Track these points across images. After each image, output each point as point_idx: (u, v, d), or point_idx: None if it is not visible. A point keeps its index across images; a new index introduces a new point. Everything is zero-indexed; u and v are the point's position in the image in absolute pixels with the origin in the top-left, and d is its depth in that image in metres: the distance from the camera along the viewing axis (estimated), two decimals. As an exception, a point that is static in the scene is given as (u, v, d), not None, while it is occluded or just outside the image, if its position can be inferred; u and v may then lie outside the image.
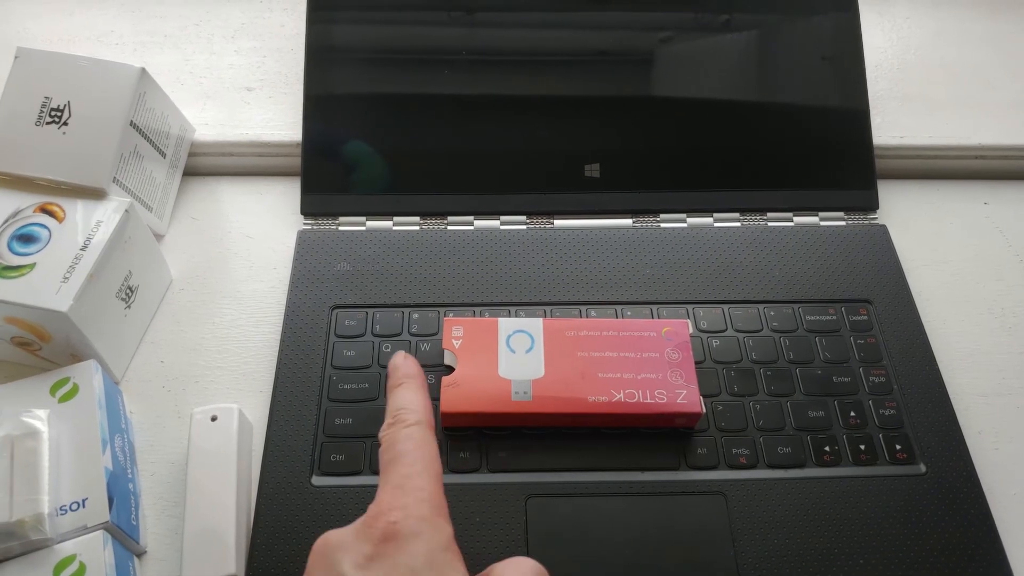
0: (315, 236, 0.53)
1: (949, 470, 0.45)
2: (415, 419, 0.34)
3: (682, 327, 0.46)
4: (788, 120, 0.57)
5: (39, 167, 0.47)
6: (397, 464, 0.32)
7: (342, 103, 0.56)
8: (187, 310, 0.52)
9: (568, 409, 0.44)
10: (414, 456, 0.33)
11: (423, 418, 0.34)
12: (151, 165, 0.52)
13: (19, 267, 0.44)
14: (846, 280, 0.52)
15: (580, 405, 0.44)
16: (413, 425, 0.34)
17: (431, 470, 0.32)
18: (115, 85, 0.49)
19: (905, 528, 0.43)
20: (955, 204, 0.59)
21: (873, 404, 0.47)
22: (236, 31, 0.66)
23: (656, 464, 0.45)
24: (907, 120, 0.61)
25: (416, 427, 0.34)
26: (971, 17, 0.68)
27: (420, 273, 0.52)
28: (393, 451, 0.33)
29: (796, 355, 0.49)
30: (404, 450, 0.33)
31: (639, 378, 0.44)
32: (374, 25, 0.57)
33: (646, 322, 0.47)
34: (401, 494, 0.31)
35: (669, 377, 0.44)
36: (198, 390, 0.49)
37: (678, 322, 0.47)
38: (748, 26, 0.58)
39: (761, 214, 0.55)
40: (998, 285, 0.54)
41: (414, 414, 0.34)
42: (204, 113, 0.60)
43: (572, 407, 0.44)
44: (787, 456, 0.45)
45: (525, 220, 0.55)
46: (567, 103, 0.56)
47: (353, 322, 0.50)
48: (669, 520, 0.43)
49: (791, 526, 0.43)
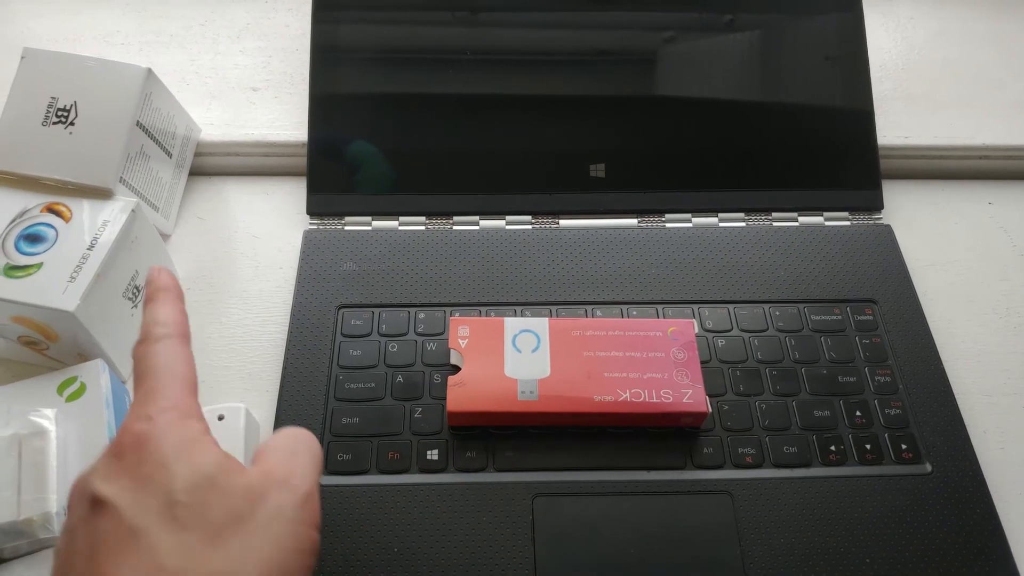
0: (321, 236, 0.53)
1: (955, 470, 0.45)
2: (164, 332, 0.34)
3: (688, 327, 0.47)
4: (793, 120, 0.57)
5: (46, 167, 0.47)
6: (145, 379, 0.32)
7: (347, 103, 0.56)
8: (193, 310, 0.52)
9: (574, 408, 0.44)
10: (161, 369, 0.32)
11: (172, 331, 0.34)
12: (157, 165, 0.52)
13: (26, 267, 0.44)
14: (851, 280, 0.52)
15: (586, 404, 0.44)
16: (162, 339, 0.33)
17: (179, 380, 0.32)
18: (121, 85, 0.49)
19: (911, 527, 0.43)
20: (959, 204, 0.59)
21: (879, 404, 0.47)
22: (241, 31, 0.66)
23: (662, 463, 0.45)
24: (911, 120, 0.61)
25: (165, 341, 0.33)
26: (975, 17, 0.68)
27: (426, 273, 0.52)
28: (141, 367, 0.33)
29: (802, 355, 0.49)
30: (151, 364, 0.33)
31: (645, 378, 0.44)
32: (379, 25, 0.57)
33: (652, 322, 0.47)
34: (145, 405, 0.31)
35: (675, 377, 0.45)
36: (204, 389, 0.49)
37: (684, 322, 0.47)
38: (752, 26, 0.58)
39: (766, 214, 0.55)
40: (1003, 285, 0.54)
41: (163, 327, 0.34)
42: (210, 113, 0.60)
43: (578, 407, 0.44)
44: (793, 456, 0.45)
45: (530, 220, 0.55)
46: (572, 103, 0.56)
47: (359, 322, 0.50)
48: (675, 519, 0.43)
49: (797, 525, 0.43)
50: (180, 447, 0.30)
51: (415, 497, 0.43)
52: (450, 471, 0.44)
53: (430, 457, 0.45)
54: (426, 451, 0.45)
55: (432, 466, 0.44)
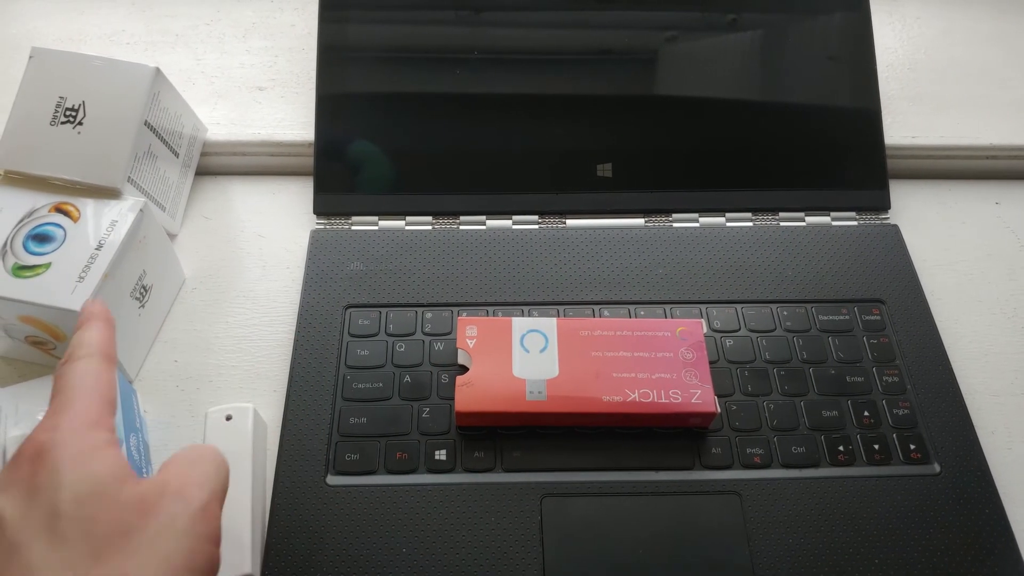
0: (328, 236, 0.53)
1: (963, 470, 0.45)
2: (85, 352, 0.35)
3: (696, 327, 0.47)
4: (800, 120, 0.57)
5: (54, 167, 0.47)
6: (58, 393, 0.33)
7: (354, 103, 0.56)
8: (200, 309, 0.52)
9: (583, 409, 0.44)
10: (76, 384, 0.33)
11: (94, 351, 0.35)
12: (165, 165, 0.52)
13: (34, 267, 0.44)
14: (859, 280, 0.52)
15: (594, 405, 0.44)
16: (83, 359, 0.34)
17: (94, 395, 0.33)
18: (130, 85, 0.49)
19: (919, 528, 0.43)
20: (967, 204, 0.58)
21: (887, 404, 0.47)
22: (247, 30, 0.66)
23: (670, 464, 0.45)
24: (918, 120, 0.61)
25: (84, 360, 0.34)
26: (982, 16, 0.68)
27: (433, 273, 0.52)
28: (58, 384, 0.33)
29: (809, 355, 0.49)
30: (67, 382, 0.33)
31: (653, 378, 0.44)
32: (385, 25, 0.57)
33: (660, 322, 0.47)
34: (52, 418, 0.32)
35: (684, 377, 0.45)
36: (212, 389, 0.49)
37: (692, 322, 0.47)
38: (759, 25, 0.58)
39: (773, 214, 0.55)
40: (1010, 284, 0.54)
41: (86, 348, 0.35)
42: (216, 112, 0.60)
43: (586, 407, 0.44)
44: (801, 456, 0.45)
45: (537, 220, 0.55)
46: (579, 103, 0.56)
47: (367, 321, 0.50)
48: (684, 520, 0.43)
49: (806, 526, 0.43)
50: (76, 456, 0.30)
51: (423, 497, 0.43)
52: (458, 471, 0.44)
53: (438, 457, 0.45)
54: (434, 451, 0.45)
55: (440, 466, 0.44)
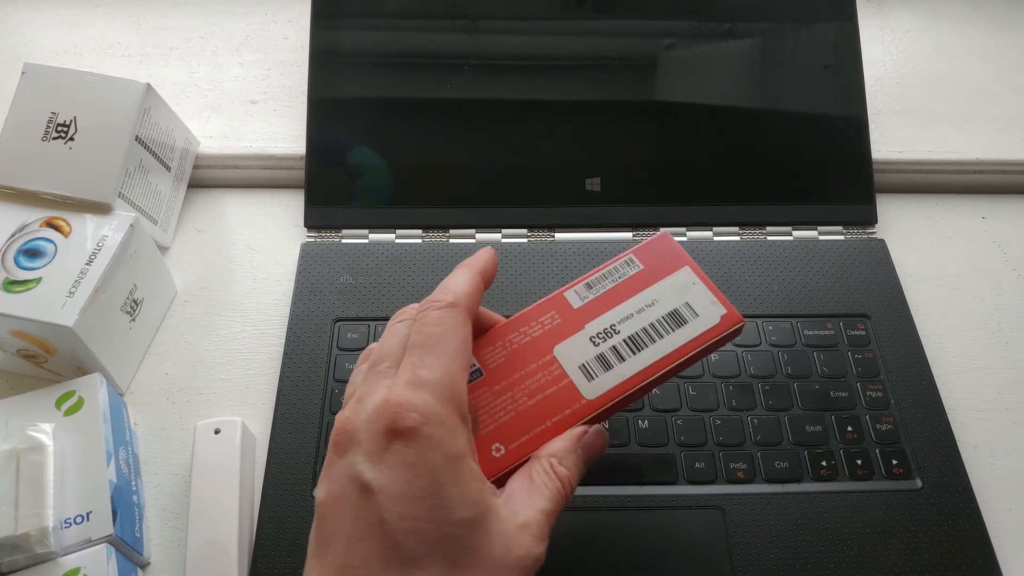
0: (318, 248, 0.54)
1: (945, 485, 0.45)
2: (450, 299, 0.33)
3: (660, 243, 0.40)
4: (787, 135, 0.57)
5: (45, 182, 0.48)
6: (419, 351, 0.31)
7: (346, 117, 0.57)
8: (191, 322, 0.53)
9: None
10: (436, 342, 0.32)
11: (458, 300, 0.33)
12: (156, 178, 0.53)
13: (25, 281, 0.44)
14: (844, 295, 0.53)
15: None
16: (445, 308, 0.33)
17: (455, 360, 0.31)
18: (121, 100, 0.50)
19: (901, 543, 0.43)
20: (953, 219, 0.59)
21: (870, 419, 0.47)
22: (241, 44, 0.66)
23: (654, 478, 0.45)
24: (906, 134, 0.61)
25: (447, 310, 0.33)
26: (970, 32, 0.68)
27: (422, 286, 0.52)
28: (420, 335, 0.32)
29: (794, 370, 0.49)
30: (428, 334, 0.32)
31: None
32: (378, 39, 0.58)
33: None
34: (418, 390, 0.30)
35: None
36: (201, 402, 0.49)
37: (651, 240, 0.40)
38: (748, 42, 0.58)
39: (760, 228, 0.56)
40: (996, 300, 0.55)
41: (451, 294, 0.33)
42: (208, 125, 0.60)
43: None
44: (784, 471, 0.46)
45: (526, 234, 0.55)
46: (568, 118, 0.57)
47: (355, 335, 0.50)
48: (666, 534, 0.43)
49: (788, 540, 0.43)
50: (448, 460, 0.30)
51: (409, 511, 0.44)
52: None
53: (424, 471, 0.45)
54: (420, 465, 0.45)
55: (426, 480, 0.45)
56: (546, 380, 0.36)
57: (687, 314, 0.37)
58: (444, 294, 0.33)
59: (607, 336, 0.37)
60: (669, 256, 0.39)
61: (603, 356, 0.37)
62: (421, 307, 0.33)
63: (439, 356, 0.31)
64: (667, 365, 0.36)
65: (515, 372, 0.36)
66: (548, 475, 0.33)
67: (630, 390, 0.36)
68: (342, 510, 0.29)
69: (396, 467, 0.29)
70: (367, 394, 0.31)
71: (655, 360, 0.36)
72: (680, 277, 0.38)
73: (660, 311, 0.38)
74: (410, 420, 0.29)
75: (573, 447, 0.34)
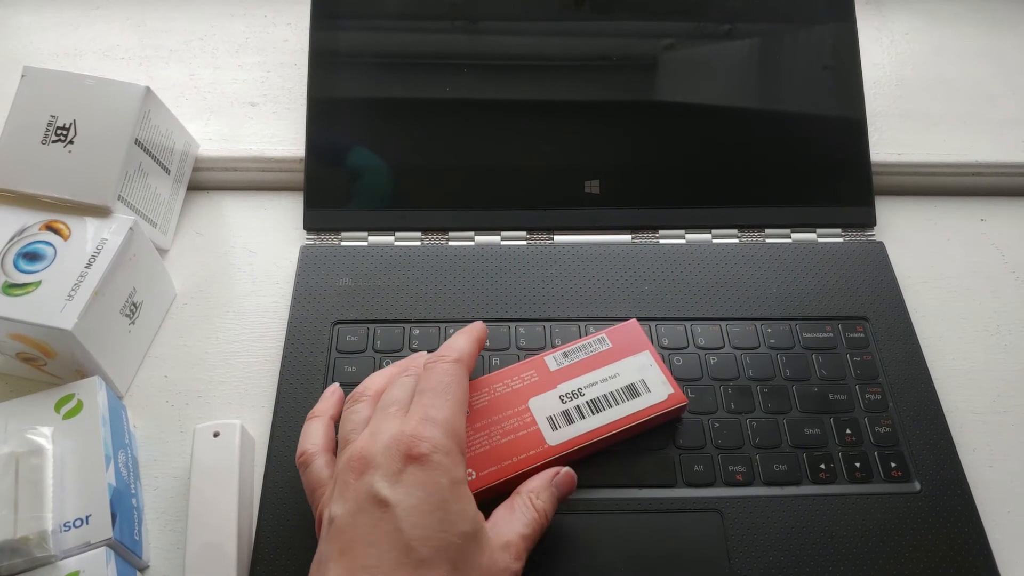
0: (317, 251, 0.54)
1: (944, 488, 0.45)
2: (455, 356, 0.40)
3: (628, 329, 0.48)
4: (786, 137, 0.57)
5: (45, 185, 0.48)
6: (430, 395, 0.38)
7: (345, 118, 0.57)
8: (190, 325, 0.53)
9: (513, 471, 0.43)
10: (444, 389, 0.38)
11: (462, 357, 0.40)
12: (155, 181, 0.53)
13: (25, 285, 0.44)
14: (843, 297, 0.53)
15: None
16: (452, 362, 0.40)
17: (458, 405, 0.38)
18: (120, 104, 0.50)
19: (899, 546, 0.43)
20: (952, 221, 0.59)
21: (869, 422, 0.48)
22: (240, 46, 0.66)
23: (652, 481, 0.45)
24: (905, 137, 0.61)
25: (454, 364, 0.40)
26: (969, 33, 0.68)
27: (421, 288, 0.52)
28: (430, 381, 0.39)
29: (793, 372, 0.49)
30: (438, 382, 0.39)
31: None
32: (377, 40, 0.58)
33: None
34: (429, 425, 0.36)
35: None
36: (201, 404, 0.49)
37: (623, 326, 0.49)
38: (747, 44, 0.58)
39: (759, 230, 0.56)
40: (994, 302, 0.55)
41: (455, 352, 0.41)
42: (208, 128, 0.60)
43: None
44: (783, 473, 0.46)
45: (525, 236, 0.55)
46: (568, 120, 0.57)
47: (354, 338, 0.50)
48: (665, 538, 0.43)
49: (786, 543, 0.43)
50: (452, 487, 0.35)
51: (408, 514, 0.44)
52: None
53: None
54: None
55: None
56: (518, 424, 0.44)
57: (641, 389, 0.45)
58: (450, 351, 0.41)
59: (574, 397, 0.45)
60: (635, 340, 0.47)
61: (568, 412, 0.44)
62: (430, 359, 0.40)
63: (446, 400, 0.38)
64: (618, 427, 0.44)
65: (494, 414, 0.44)
66: (527, 506, 0.39)
67: (586, 443, 0.43)
68: (361, 521, 0.34)
69: (410, 486, 0.34)
70: (380, 429, 0.37)
71: (609, 421, 0.44)
72: (640, 359, 0.47)
73: (620, 383, 0.46)
74: (423, 447, 0.35)
75: (547, 485, 0.41)
